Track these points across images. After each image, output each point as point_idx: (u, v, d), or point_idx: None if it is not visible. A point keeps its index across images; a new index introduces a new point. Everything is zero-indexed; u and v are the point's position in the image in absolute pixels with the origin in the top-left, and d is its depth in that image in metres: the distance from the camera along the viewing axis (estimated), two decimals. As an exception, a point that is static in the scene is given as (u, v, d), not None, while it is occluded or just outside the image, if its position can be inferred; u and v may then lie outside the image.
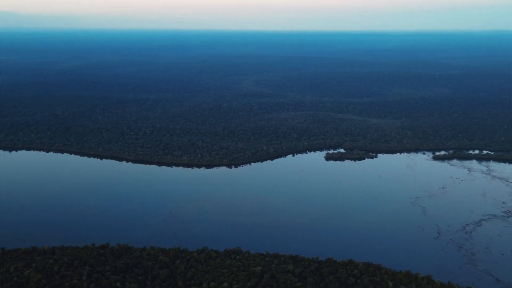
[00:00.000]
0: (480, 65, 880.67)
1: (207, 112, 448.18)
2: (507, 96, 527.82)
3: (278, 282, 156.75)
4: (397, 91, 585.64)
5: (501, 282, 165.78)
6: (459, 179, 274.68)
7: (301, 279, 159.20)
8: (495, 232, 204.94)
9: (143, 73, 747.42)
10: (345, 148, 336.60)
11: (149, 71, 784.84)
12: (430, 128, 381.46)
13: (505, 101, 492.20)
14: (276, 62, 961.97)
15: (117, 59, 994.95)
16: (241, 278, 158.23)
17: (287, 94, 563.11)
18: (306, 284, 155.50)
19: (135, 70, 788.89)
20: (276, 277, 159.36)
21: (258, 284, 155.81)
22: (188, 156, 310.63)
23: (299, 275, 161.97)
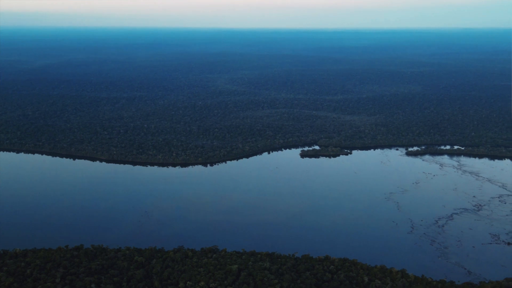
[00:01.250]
0: (450, 62, 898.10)
1: (181, 110, 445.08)
2: (477, 92, 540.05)
3: (255, 279, 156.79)
4: (371, 88, 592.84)
5: (472, 274, 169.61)
6: (432, 174, 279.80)
7: (278, 276, 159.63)
8: (466, 226, 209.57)
9: (116, 72, 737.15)
10: (320, 145, 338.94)
11: (122, 69, 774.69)
12: (403, 124, 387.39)
13: (475, 97, 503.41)
14: (250, 60, 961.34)
15: (89, 58, 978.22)
16: (218, 276, 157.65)
17: (262, 92, 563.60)
18: (283, 281, 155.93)
19: (108, 69, 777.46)
20: (253, 275, 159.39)
21: (235, 282, 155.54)
22: (163, 155, 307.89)
23: (276, 272, 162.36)
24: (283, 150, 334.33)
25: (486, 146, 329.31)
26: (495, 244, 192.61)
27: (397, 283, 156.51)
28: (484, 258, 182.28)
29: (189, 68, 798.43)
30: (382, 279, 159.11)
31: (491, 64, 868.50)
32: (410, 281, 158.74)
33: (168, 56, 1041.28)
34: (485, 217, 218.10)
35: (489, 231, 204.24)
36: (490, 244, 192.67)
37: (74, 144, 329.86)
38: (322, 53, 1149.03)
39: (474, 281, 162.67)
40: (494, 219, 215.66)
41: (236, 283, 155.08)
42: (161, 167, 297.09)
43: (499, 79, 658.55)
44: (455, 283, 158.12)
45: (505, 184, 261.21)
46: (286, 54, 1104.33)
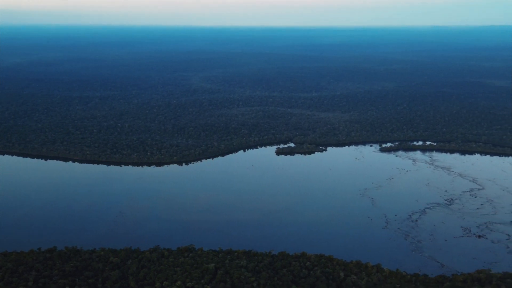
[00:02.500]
0: (422, 60, 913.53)
1: (156, 109, 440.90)
2: (448, 89, 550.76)
3: (232, 277, 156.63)
4: (344, 86, 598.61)
5: (445, 267, 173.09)
6: (405, 170, 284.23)
7: (255, 274, 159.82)
8: (439, 220, 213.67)
9: (88, 70, 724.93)
10: (295, 142, 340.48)
11: (95, 68, 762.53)
12: (377, 121, 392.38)
13: (446, 94, 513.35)
14: (225, 58, 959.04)
15: (60, 56, 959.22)
16: (195, 275, 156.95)
17: (237, 90, 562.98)
18: (260, 279, 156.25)
19: (79, 67, 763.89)
20: (230, 273, 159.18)
21: (212, 281, 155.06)
22: (138, 154, 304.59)
23: (252, 270, 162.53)
24: (258, 148, 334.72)
25: (457, 142, 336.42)
26: (467, 237, 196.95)
27: (373, 278, 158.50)
28: (456, 251, 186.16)
29: (163, 67, 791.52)
30: (358, 274, 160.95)
31: (462, 61, 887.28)
32: (385, 275, 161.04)
33: (142, 55, 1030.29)
34: (457, 211, 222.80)
35: (460, 224, 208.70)
36: (461, 237, 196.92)
37: (46, 144, 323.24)
38: (297, 51, 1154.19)
39: (447, 273, 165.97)
40: (465, 213, 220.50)
41: (213, 281, 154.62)
42: (136, 166, 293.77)
43: (469, 75, 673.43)
44: (429, 276, 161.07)
45: (475, 178, 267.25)
46: (261, 52, 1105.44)
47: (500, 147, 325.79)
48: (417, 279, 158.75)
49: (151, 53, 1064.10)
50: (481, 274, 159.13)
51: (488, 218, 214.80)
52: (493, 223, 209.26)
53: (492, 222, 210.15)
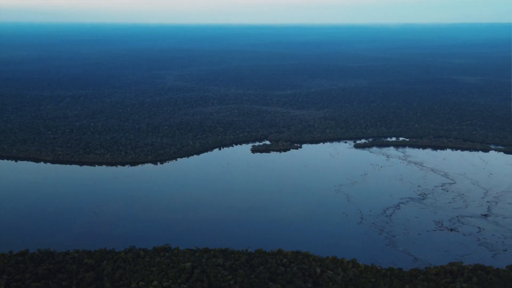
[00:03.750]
0: (395, 57, 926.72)
1: (129, 108, 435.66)
2: (419, 86, 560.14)
3: (209, 276, 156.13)
4: (319, 83, 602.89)
5: (419, 260, 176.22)
6: (379, 166, 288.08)
7: (232, 272, 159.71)
8: (412, 214, 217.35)
9: (59, 69, 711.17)
10: (271, 140, 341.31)
11: (66, 66, 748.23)
12: (351, 117, 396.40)
13: (418, 91, 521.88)
14: (199, 56, 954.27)
15: (30, 55, 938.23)
16: (171, 275, 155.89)
17: (211, 88, 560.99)
18: (237, 276, 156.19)
19: (50, 66, 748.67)
20: (207, 272, 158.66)
21: (189, 280, 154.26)
22: (111, 154, 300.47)
23: (229, 268, 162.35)
24: (234, 146, 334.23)
25: (429, 137, 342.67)
26: (439, 231, 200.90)
27: (348, 273, 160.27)
28: (429, 244, 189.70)
29: (137, 65, 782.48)
30: (334, 270, 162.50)
31: (433, 58, 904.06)
32: (361, 270, 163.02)
33: (115, 53, 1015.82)
34: (429, 205, 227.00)
35: (433, 218, 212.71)
36: (434, 231, 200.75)
37: (16, 145, 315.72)
38: (271, 49, 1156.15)
39: (421, 266, 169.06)
40: (437, 207, 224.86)
41: (190, 281, 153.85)
42: (110, 166, 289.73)
43: (440, 72, 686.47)
44: (403, 270, 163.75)
45: (447, 173, 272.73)
46: (235, 50, 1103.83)
47: (470, 142, 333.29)
48: (392, 273, 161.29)
49: (124, 51, 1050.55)
50: (453, 267, 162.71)
51: (460, 211, 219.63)
52: (464, 217, 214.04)
53: (463, 216, 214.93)
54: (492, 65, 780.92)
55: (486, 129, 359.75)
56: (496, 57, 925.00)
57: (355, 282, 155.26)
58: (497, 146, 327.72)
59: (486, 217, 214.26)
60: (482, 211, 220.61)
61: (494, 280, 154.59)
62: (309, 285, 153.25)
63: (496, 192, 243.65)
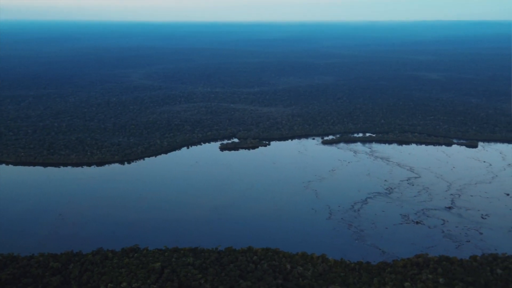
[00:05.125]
0: (360, 54, 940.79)
1: (94, 107, 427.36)
2: (384, 82, 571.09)
3: (179, 275, 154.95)
4: (286, 80, 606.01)
5: (386, 254, 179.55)
6: (346, 161, 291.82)
7: (202, 271, 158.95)
8: (379, 208, 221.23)
9: (20, 68, 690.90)
10: (239, 137, 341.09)
11: (27, 65, 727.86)
12: (318, 114, 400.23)
13: (383, 87, 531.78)
14: (165, 54, 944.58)
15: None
16: (141, 276, 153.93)
17: (178, 86, 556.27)
18: (207, 275, 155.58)
19: (10, 65, 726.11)
20: (177, 271, 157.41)
21: (159, 280, 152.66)
22: (77, 154, 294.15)
23: (199, 267, 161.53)
24: (202, 144, 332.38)
25: (394, 133, 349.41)
26: (405, 224, 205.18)
27: (318, 268, 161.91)
28: (396, 237, 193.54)
29: (101, 63, 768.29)
30: (304, 265, 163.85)
31: (396, 55, 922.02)
32: (330, 265, 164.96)
33: (78, 51, 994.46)
34: (396, 199, 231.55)
35: (399, 212, 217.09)
36: (401, 224, 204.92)
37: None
38: (238, 46, 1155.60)
39: (388, 259, 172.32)
40: (403, 201, 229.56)
41: (160, 281, 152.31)
42: (75, 167, 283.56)
43: (404, 69, 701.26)
44: (371, 264, 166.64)
45: (412, 167, 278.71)
46: (202, 48, 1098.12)
47: (434, 137, 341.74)
48: (360, 267, 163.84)
49: (87, 50, 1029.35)
50: (420, 259, 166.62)
51: (425, 205, 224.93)
52: (429, 210, 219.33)
53: (428, 209, 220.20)
54: (453, 61, 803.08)
55: (449, 124, 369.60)
56: (457, 53, 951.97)
57: (324, 277, 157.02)
58: (459, 140, 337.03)
59: (450, 209, 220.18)
60: (446, 203, 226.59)
61: (458, 270, 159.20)
62: (279, 281, 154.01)
63: (459, 185, 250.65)
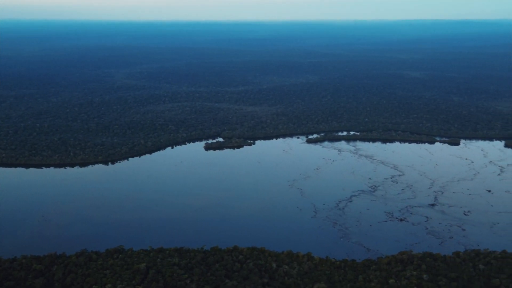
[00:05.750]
0: (343, 53, 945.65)
1: (77, 107, 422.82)
2: (368, 80, 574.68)
3: (164, 276, 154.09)
4: (270, 79, 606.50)
5: (371, 251, 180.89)
6: (331, 160, 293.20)
7: (188, 271, 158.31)
8: (364, 206, 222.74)
9: (0, 68, 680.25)
10: (224, 137, 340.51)
11: (9, 65, 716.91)
12: (303, 113, 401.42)
13: (366, 85, 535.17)
14: (148, 53, 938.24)
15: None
16: (126, 277, 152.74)
17: (162, 86, 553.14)
18: (193, 275, 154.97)
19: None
20: (162, 272, 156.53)
21: (144, 281, 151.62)
22: (60, 155, 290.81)
23: (185, 267, 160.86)
24: (186, 144, 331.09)
25: (378, 131, 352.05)
26: (390, 221, 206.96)
27: (304, 267, 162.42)
28: (380, 235, 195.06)
29: (84, 63, 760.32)
30: (290, 264, 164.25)
31: (380, 54, 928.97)
32: (316, 263, 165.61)
33: (60, 51, 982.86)
34: (380, 197, 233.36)
35: (384, 209, 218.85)
36: (385, 222, 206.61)
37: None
38: (222, 45, 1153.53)
39: (373, 257, 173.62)
40: (388, 198, 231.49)
41: (145, 281, 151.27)
42: (58, 168, 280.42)
43: (387, 67, 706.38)
44: (356, 261, 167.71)
45: (396, 165, 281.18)
46: (186, 47, 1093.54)
47: (417, 135, 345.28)
48: (345, 264, 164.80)
49: (70, 49, 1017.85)
50: (404, 255, 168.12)
51: (408, 202, 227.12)
52: (413, 207, 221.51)
53: (412, 206, 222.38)
54: (435, 60, 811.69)
55: (432, 122, 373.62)
56: (439, 52, 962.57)
57: (310, 275, 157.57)
58: (442, 138, 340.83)
59: (433, 206, 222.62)
60: (429, 201, 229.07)
61: (442, 266, 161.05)
62: (265, 280, 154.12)
63: (442, 182, 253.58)
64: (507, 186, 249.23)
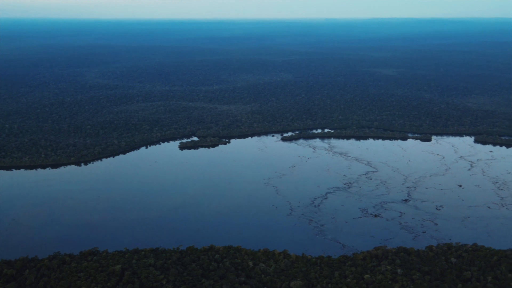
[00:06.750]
0: (317, 51, 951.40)
1: (48, 108, 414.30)
2: (341, 78, 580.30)
3: (140, 277, 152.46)
4: (245, 78, 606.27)
5: (346, 247, 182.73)
6: (306, 157, 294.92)
7: (164, 271, 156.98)
8: (339, 203, 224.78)
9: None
10: (199, 136, 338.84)
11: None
12: (277, 111, 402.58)
13: (340, 83, 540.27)
14: (120, 52, 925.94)
15: None
16: (100, 279, 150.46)
17: (136, 85, 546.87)
18: (169, 275, 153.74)
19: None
20: (138, 273, 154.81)
21: (119, 283, 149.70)
22: (30, 157, 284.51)
23: (161, 268, 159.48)
24: (161, 144, 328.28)
25: (352, 128, 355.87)
26: (364, 218, 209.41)
27: (280, 264, 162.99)
28: (355, 231, 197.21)
29: (54, 62, 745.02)
30: (266, 262, 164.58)
31: (352, 52, 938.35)
32: (292, 260, 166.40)
33: (29, 50, 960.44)
34: (355, 193, 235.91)
35: (358, 206, 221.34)
36: (360, 218, 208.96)
37: None
38: (195, 44, 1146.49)
39: (348, 253, 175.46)
40: (362, 195, 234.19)
41: (120, 283, 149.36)
42: (29, 170, 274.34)
43: (360, 65, 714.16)
44: (332, 257, 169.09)
45: (370, 162, 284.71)
46: (159, 46, 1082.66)
47: (390, 131, 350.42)
48: (321, 261, 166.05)
49: (39, 48, 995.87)
50: (378, 251, 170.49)
51: (383, 198, 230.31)
52: (387, 203, 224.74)
53: (386, 202, 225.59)
54: (406, 58, 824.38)
55: (404, 119, 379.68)
56: (410, 50, 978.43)
57: (286, 273, 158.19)
58: (414, 135, 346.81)
59: (406, 202, 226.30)
60: (403, 196, 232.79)
61: (415, 260, 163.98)
62: (242, 278, 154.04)
63: (415, 178, 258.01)
64: (477, 180, 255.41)
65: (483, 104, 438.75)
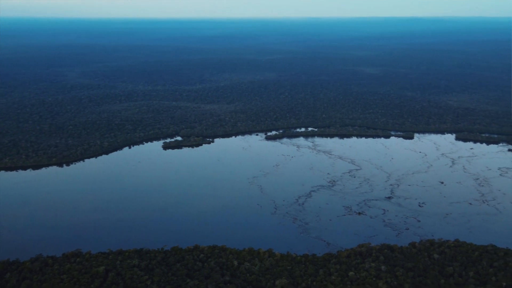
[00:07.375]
0: (299, 50, 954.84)
1: (28, 108, 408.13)
2: (325, 77, 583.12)
3: (124, 278, 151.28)
4: (228, 77, 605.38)
5: (331, 245, 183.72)
6: (290, 156, 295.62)
7: (148, 272, 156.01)
8: (323, 201, 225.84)
9: None
10: (182, 135, 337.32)
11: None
12: (261, 110, 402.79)
13: (323, 82, 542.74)
14: (102, 51, 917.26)
15: None
16: (84, 281, 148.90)
17: (118, 85, 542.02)
18: (154, 276, 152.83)
19: None
20: (122, 274, 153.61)
21: (103, 284, 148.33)
22: (10, 158, 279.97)
23: (145, 268, 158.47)
24: (144, 144, 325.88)
25: (335, 126, 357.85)
26: (348, 215, 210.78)
27: (265, 263, 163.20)
28: (340, 229, 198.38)
29: (35, 62, 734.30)
30: (251, 261, 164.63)
31: (335, 50, 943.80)
32: (277, 259, 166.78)
33: (8, 49, 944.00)
34: (339, 192, 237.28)
35: (342, 204, 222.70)
36: (344, 216, 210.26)
37: None
38: (178, 43, 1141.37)
39: (333, 251, 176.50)
40: (346, 193, 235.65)
41: (104, 285, 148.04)
42: (9, 171, 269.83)
43: (343, 64, 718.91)
44: (317, 255, 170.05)
45: (353, 160, 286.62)
46: (141, 45, 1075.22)
47: (373, 130, 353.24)
48: (306, 259, 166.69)
49: (19, 48, 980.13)
50: (362, 248, 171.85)
51: (366, 196, 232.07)
52: (371, 200, 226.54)
53: (369, 199, 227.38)
54: (389, 56, 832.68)
55: (387, 117, 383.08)
56: (392, 48, 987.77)
57: (271, 271, 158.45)
58: (396, 132, 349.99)
59: (389, 199, 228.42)
60: (386, 194, 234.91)
61: (399, 257, 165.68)
62: (227, 278, 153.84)
63: (398, 175, 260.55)
64: (459, 177, 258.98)
65: (463, 101, 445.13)
